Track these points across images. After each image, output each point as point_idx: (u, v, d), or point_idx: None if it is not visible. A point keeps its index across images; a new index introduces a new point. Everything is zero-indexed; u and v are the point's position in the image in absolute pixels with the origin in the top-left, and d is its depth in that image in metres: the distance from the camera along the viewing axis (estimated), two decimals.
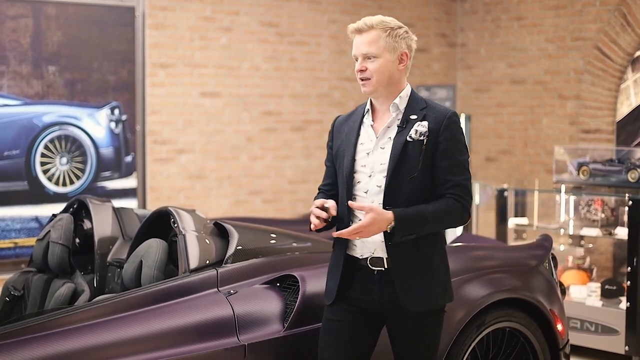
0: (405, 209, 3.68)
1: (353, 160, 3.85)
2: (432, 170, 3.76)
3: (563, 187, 7.48)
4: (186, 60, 7.99)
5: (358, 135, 3.88)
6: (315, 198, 3.99)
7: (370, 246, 3.81)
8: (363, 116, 3.92)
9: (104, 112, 7.47)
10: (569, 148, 7.72)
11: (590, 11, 8.44)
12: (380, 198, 3.77)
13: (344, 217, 3.86)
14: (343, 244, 3.87)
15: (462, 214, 3.78)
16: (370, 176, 3.81)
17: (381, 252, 3.79)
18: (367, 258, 3.82)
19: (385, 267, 3.79)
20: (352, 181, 3.84)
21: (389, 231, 3.66)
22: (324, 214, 3.75)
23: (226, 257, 4.43)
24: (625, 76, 8.21)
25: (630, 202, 6.68)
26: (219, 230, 4.71)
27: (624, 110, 8.24)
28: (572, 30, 8.61)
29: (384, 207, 3.73)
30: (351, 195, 3.84)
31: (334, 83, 8.94)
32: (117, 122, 7.53)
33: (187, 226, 4.50)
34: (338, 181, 3.94)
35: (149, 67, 7.74)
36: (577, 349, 6.90)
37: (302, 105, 8.74)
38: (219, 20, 8.16)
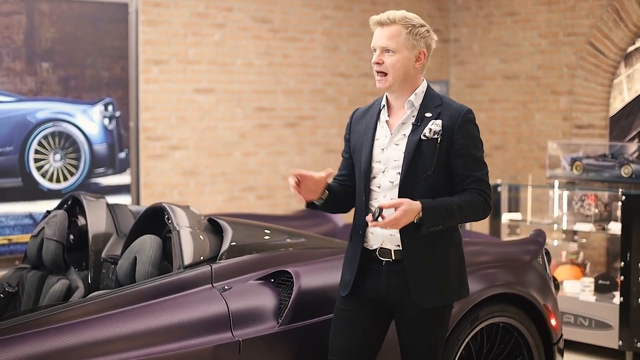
0: (431, 200, 3.71)
1: (370, 155, 3.88)
2: (446, 168, 3.80)
3: (557, 183, 7.49)
4: (180, 56, 7.99)
5: (375, 130, 3.92)
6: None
7: (379, 238, 3.85)
8: (379, 111, 3.95)
9: (98, 109, 7.46)
10: (562, 143, 7.73)
11: (583, 6, 8.45)
12: (392, 194, 3.81)
13: (362, 208, 3.90)
14: (360, 237, 3.90)
15: (484, 208, 3.83)
16: (383, 172, 3.85)
17: (389, 244, 3.84)
18: (376, 249, 3.87)
19: (393, 258, 3.83)
20: (369, 175, 3.88)
21: (416, 222, 3.67)
22: (293, 179, 3.76)
23: (220, 253, 4.43)
24: (618, 71, 8.23)
25: (624, 197, 6.69)
26: (213, 227, 4.71)
27: (617, 105, 8.26)
28: (565, 25, 8.62)
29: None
30: (368, 190, 3.88)
31: (328, 79, 8.94)
32: (110, 118, 7.52)
33: (181, 222, 4.50)
34: (356, 175, 3.97)
35: (142, 64, 7.73)
36: (570, 344, 6.92)
37: (296, 101, 8.74)
38: (213, 16, 8.16)
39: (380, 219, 3.62)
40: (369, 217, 3.67)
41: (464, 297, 3.99)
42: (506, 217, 7.68)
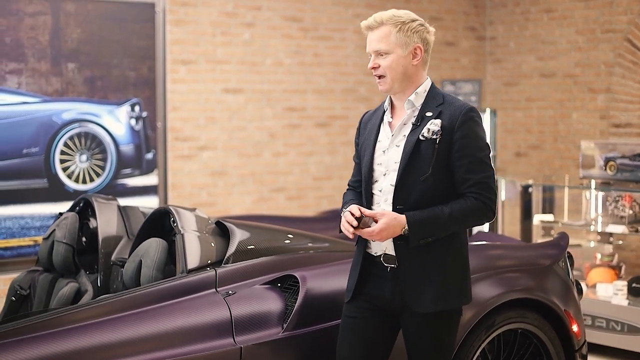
0: (419, 212, 3.62)
1: (372, 158, 3.80)
2: (447, 170, 3.68)
3: (593, 183, 7.31)
4: (208, 56, 7.92)
5: (378, 132, 3.84)
6: (345, 194, 4.01)
7: (383, 244, 3.75)
8: (384, 113, 3.86)
9: (124, 109, 7.43)
10: (598, 143, 7.54)
11: (621, 2, 8.26)
12: (392, 197, 3.70)
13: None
14: (363, 242, 3.83)
15: (484, 212, 3.69)
16: (385, 174, 3.75)
17: (392, 250, 3.73)
18: (380, 255, 3.78)
19: (397, 264, 3.73)
20: (371, 179, 3.80)
21: (404, 234, 3.60)
22: (354, 222, 3.63)
23: (226, 257, 4.35)
24: None
25: None
26: (221, 230, 4.63)
27: None
28: (602, 22, 8.43)
29: (394, 207, 3.67)
30: (370, 194, 3.80)
31: (359, 78, 8.82)
32: (137, 118, 7.49)
33: (186, 225, 4.44)
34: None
35: (169, 64, 7.69)
36: (602, 349, 6.76)
37: (327, 100, 8.64)
38: (241, 15, 8.09)
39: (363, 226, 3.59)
40: (354, 223, 3.61)
41: (465, 303, 3.84)
42: (537, 218, 7.52)
